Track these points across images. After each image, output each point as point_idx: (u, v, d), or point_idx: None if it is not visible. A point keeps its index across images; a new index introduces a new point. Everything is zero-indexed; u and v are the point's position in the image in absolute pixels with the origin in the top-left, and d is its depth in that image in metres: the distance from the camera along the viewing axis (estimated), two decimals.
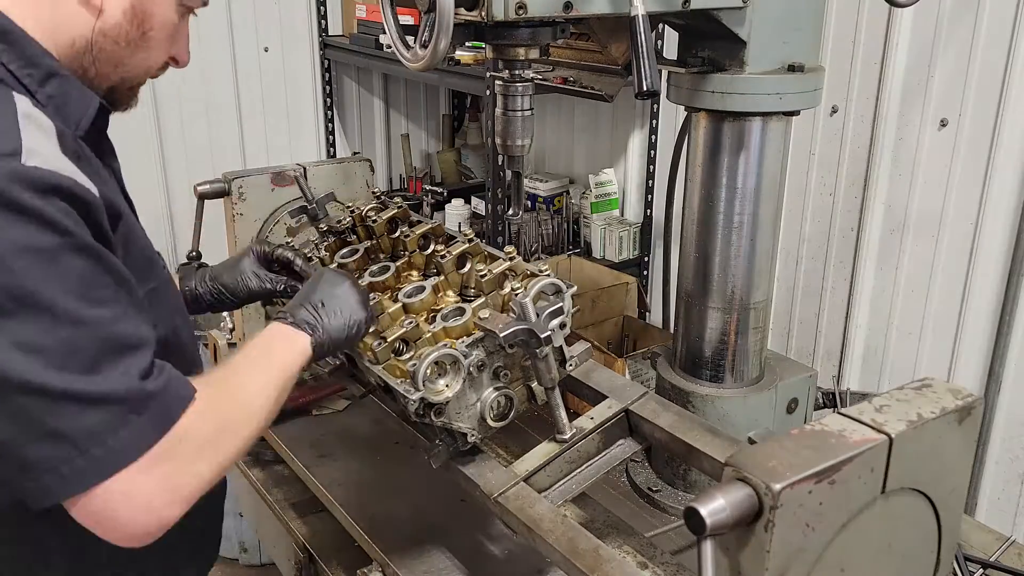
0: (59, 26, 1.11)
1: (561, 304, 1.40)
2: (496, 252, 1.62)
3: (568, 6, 1.31)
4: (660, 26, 2.61)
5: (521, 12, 1.27)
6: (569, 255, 3.36)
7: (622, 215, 3.59)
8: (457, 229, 2.15)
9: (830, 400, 2.01)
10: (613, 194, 3.55)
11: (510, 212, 1.63)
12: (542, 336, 1.36)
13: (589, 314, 2.70)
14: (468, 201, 3.86)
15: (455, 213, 3.79)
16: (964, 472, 1.05)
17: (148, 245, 1.24)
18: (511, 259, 1.54)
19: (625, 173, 3.54)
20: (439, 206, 3.93)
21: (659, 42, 2.96)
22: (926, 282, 2.65)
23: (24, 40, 1.08)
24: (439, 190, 4.00)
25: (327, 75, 4.17)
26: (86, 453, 0.96)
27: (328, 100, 4.21)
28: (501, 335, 1.33)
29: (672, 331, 2.05)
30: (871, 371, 2.86)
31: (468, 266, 1.60)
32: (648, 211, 3.48)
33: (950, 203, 2.54)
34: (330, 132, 4.26)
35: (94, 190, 1.01)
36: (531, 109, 1.48)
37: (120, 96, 1.24)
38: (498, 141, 1.50)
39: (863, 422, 0.94)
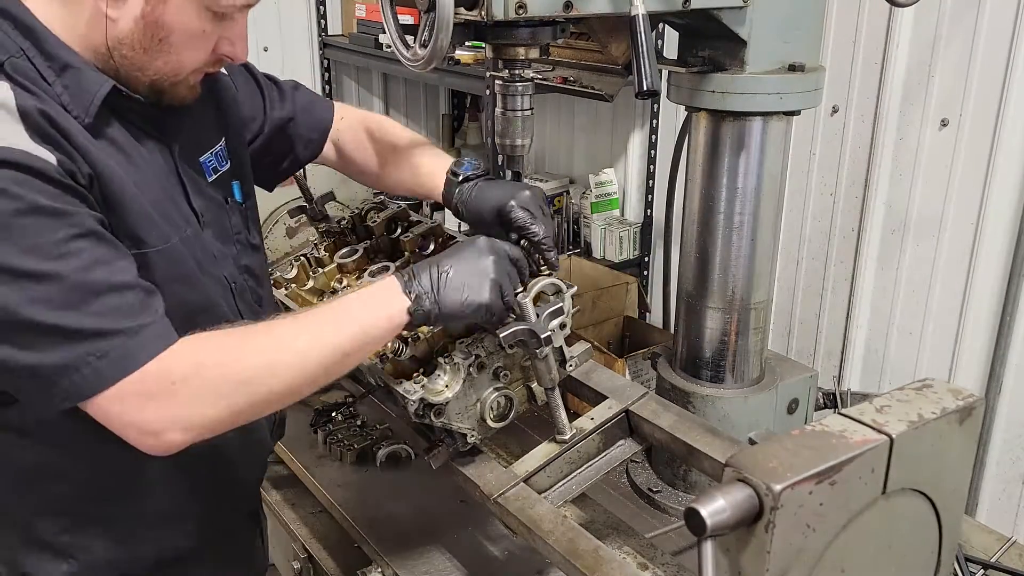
0: (82, 31, 1.21)
1: (561, 304, 1.40)
2: None
3: (568, 6, 1.31)
4: (660, 26, 2.60)
5: (521, 12, 1.27)
6: (569, 255, 3.35)
7: (622, 215, 3.58)
8: (457, 229, 2.15)
9: (831, 400, 2.00)
10: (613, 194, 3.55)
11: None
12: (542, 336, 1.36)
13: (589, 314, 2.70)
14: None
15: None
16: (965, 473, 1.04)
17: (159, 212, 1.29)
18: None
19: (625, 173, 3.54)
20: (439, 206, 3.92)
21: (659, 42, 2.95)
22: (927, 282, 2.64)
23: (45, 36, 1.19)
24: None
25: (327, 75, 4.17)
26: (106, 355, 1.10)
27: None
28: (501, 335, 1.33)
29: (672, 331, 2.05)
30: (872, 371, 2.85)
31: None
32: (648, 211, 3.47)
33: (951, 203, 2.54)
34: None
35: (52, 160, 1.12)
36: (531, 109, 1.48)
37: (163, 92, 1.30)
38: (498, 141, 1.50)
39: (864, 422, 0.94)
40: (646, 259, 3.52)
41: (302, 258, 1.85)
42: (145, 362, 1.11)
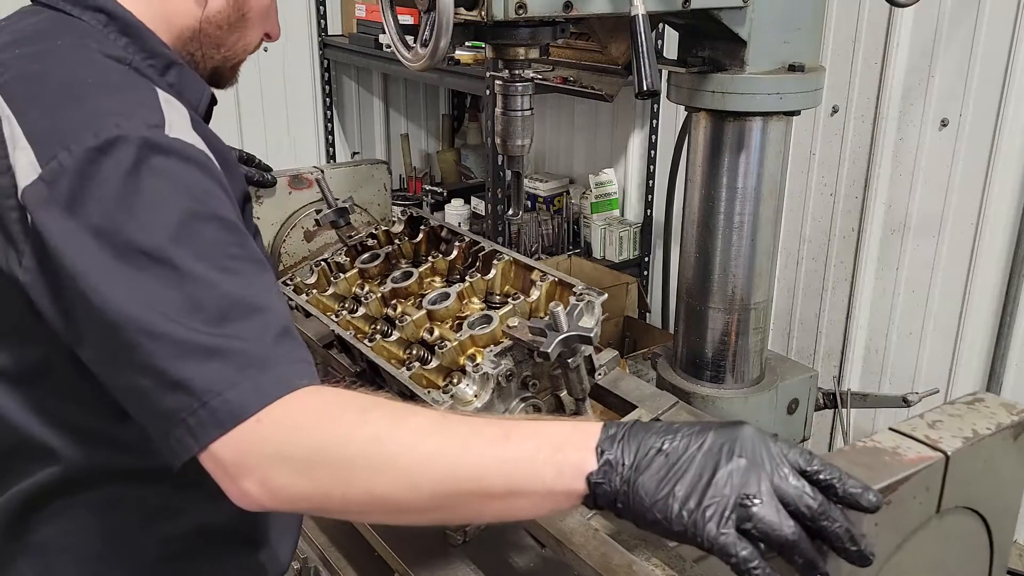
0: (170, 17, 1.17)
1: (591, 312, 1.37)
2: (522, 258, 1.60)
3: (568, 6, 1.31)
4: (660, 26, 2.60)
5: (521, 12, 1.27)
6: (569, 255, 3.36)
7: (622, 215, 3.58)
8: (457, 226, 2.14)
9: (831, 400, 2.00)
10: (613, 194, 3.55)
11: (510, 212, 1.62)
12: (582, 347, 1.30)
13: None
14: (468, 201, 3.85)
15: (455, 213, 3.79)
16: (1018, 490, 1.00)
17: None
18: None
19: (625, 173, 3.54)
20: (439, 206, 3.93)
21: (659, 42, 2.95)
22: (927, 282, 2.64)
23: (145, 32, 1.13)
24: (439, 190, 4.00)
25: (326, 75, 4.16)
26: (206, 405, 0.89)
27: (327, 100, 4.21)
28: (547, 349, 1.25)
29: (672, 331, 2.05)
30: (872, 371, 2.85)
31: (493, 272, 1.58)
32: (648, 211, 3.47)
33: (951, 203, 2.54)
34: (329, 132, 4.26)
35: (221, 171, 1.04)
36: (531, 109, 1.47)
37: (223, 75, 1.30)
38: (498, 141, 1.50)
39: (917, 439, 0.90)
40: (646, 259, 3.52)
41: (322, 263, 1.82)
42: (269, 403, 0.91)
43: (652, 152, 3.38)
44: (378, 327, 1.62)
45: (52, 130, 0.96)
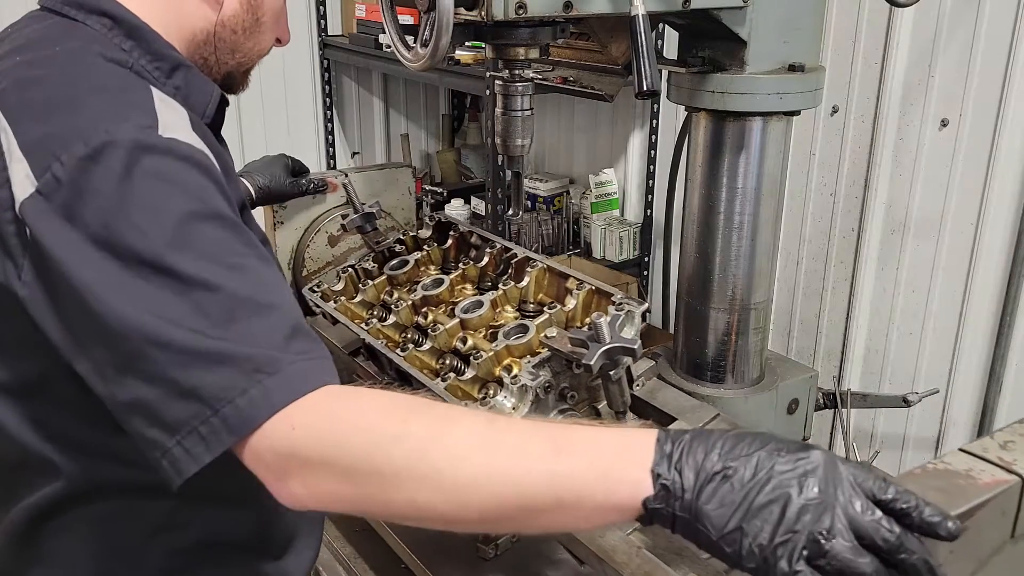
0: (181, 21, 1.16)
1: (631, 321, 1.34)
2: (557, 265, 1.57)
3: (568, 6, 1.31)
4: (660, 26, 2.60)
5: (521, 12, 1.27)
6: (569, 255, 3.36)
7: (622, 215, 3.58)
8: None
9: (831, 400, 2.00)
10: (613, 194, 3.55)
11: (510, 212, 1.62)
12: (624, 359, 1.26)
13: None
14: (468, 201, 3.85)
15: (455, 213, 3.79)
16: None
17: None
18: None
19: (625, 173, 3.54)
20: (439, 206, 3.93)
21: (659, 42, 2.95)
22: (927, 282, 2.64)
23: (150, 35, 1.12)
24: (439, 190, 4.00)
25: (326, 75, 4.16)
26: (218, 412, 0.88)
27: (327, 100, 4.21)
28: (590, 362, 1.21)
29: (672, 332, 2.05)
30: (872, 371, 2.85)
31: (527, 280, 1.55)
32: (648, 211, 3.47)
33: (951, 203, 2.54)
34: (329, 132, 4.26)
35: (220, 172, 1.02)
36: (531, 109, 1.47)
37: (236, 81, 1.30)
38: (498, 141, 1.50)
39: (990, 460, 0.87)
40: (646, 259, 3.52)
41: (349, 270, 1.80)
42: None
43: (652, 152, 3.38)
44: (409, 335, 1.59)
45: (44, 140, 0.95)
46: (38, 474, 1.09)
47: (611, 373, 1.29)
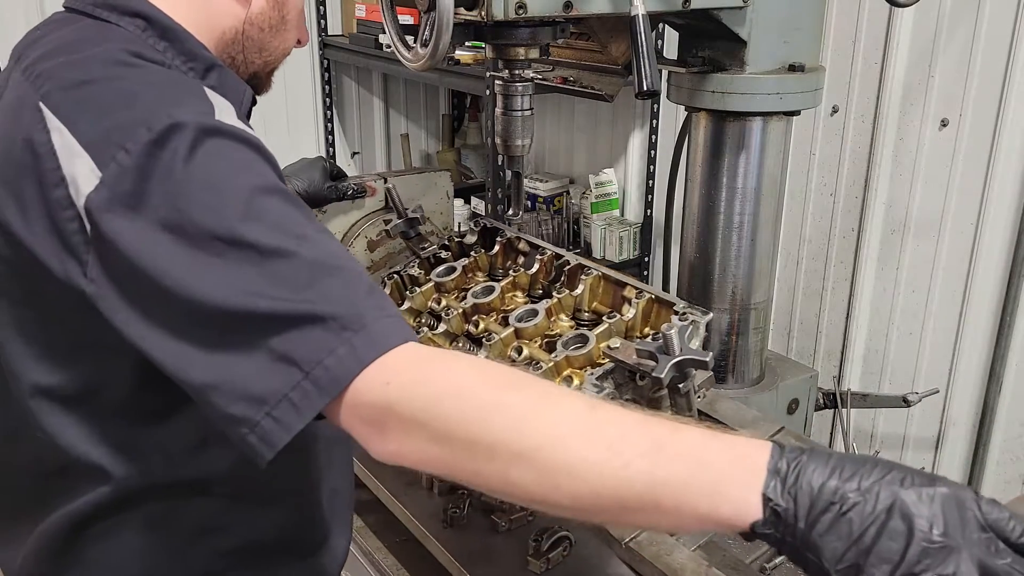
0: (212, 20, 1.16)
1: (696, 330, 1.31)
2: (612, 273, 1.54)
3: (568, 6, 1.31)
4: (660, 26, 2.60)
5: (521, 12, 1.27)
6: None
7: (622, 215, 3.58)
8: (457, 229, 2.13)
9: (831, 400, 2.00)
10: (613, 194, 3.55)
11: (510, 212, 1.62)
12: (694, 371, 1.23)
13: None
14: (468, 201, 3.85)
15: (455, 213, 3.78)
16: None
17: None
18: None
19: (625, 173, 3.54)
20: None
21: (659, 42, 2.95)
22: (927, 282, 2.64)
23: (183, 35, 1.11)
24: None
25: (326, 75, 4.17)
26: (309, 375, 0.87)
27: (327, 100, 4.21)
28: (659, 375, 1.18)
29: None
30: (872, 371, 2.85)
31: (581, 287, 1.52)
32: (648, 211, 3.47)
33: (951, 203, 2.54)
34: (329, 132, 4.26)
35: None
36: (531, 109, 1.47)
37: (261, 81, 1.29)
38: (498, 141, 1.50)
39: None
40: (646, 259, 3.52)
41: (395, 276, 1.76)
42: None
43: (652, 152, 3.38)
44: (460, 344, 1.56)
45: (106, 133, 0.95)
46: (82, 480, 1.09)
47: (680, 386, 1.24)
